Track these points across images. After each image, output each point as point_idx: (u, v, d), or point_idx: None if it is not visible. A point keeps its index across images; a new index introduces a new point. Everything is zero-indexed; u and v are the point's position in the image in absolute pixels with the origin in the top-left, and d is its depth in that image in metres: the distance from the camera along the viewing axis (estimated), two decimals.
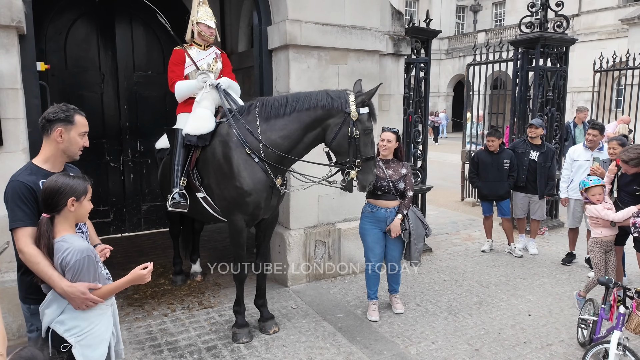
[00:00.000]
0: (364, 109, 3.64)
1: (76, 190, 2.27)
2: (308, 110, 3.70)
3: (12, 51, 3.71)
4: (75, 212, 2.30)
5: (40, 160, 2.47)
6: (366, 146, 3.69)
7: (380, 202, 4.36)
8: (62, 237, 2.27)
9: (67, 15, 6.53)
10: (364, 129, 3.64)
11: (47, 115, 2.45)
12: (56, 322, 2.30)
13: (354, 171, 3.67)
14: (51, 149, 2.47)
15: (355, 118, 3.61)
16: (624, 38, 19.87)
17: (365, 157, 3.68)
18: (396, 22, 5.83)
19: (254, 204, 3.87)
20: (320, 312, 4.58)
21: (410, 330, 4.26)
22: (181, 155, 4.22)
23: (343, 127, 3.63)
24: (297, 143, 3.80)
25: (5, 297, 3.83)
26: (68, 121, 2.45)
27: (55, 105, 2.51)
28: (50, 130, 2.43)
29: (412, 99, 6.24)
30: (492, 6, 34.41)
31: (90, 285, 2.27)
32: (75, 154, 2.53)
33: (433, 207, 9.23)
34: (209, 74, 4.34)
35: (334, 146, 3.73)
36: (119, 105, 6.95)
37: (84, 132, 2.52)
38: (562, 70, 7.44)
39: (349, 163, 3.68)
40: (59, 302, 2.31)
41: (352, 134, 3.60)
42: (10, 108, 3.75)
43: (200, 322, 4.35)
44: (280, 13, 4.94)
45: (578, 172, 5.85)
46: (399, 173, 4.38)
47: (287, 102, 3.77)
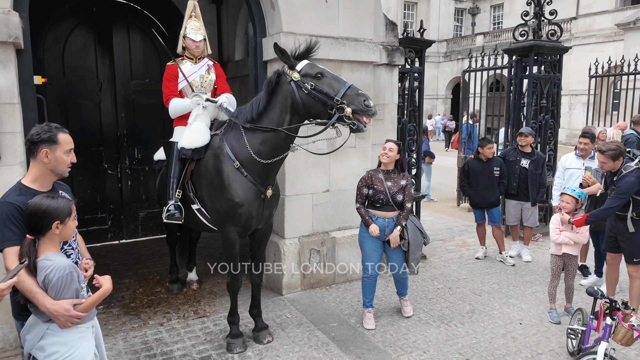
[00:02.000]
0: (299, 64, 3.59)
1: (60, 214, 2.29)
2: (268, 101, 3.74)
3: (10, 66, 3.77)
4: (60, 234, 2.33)
5: (29, 180, 2.49)
6: (331, 85, 3.49)
7: (379, 213, 4.45)
8: (44, 255, 2.29)
9: (65, 24, 6.60)
10: (314, 76, 3.53)
11: (30, 137, 2.47)
12: (36, 348, 2.29)
13: (347, 107, 3.39)
14: (39, 169, 2.49)
15: (298, 78, 3.55)
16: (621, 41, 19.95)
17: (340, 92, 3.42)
18: (390, 32, 5.89)
19: (245, 215, 3.93)
20: (314, 321, 4.63)
21: (402, 340, 4.32)
22: (177, 168, 4.31)
23: (298, 92, 3.57)
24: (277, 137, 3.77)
25: (3, 308, 3.87)
26: (52, 141, 2.46)
27: (37, 126, 2.52)
28: (36, 151, 2.45)
29: (406, 108, 6.31)
30: (490, 9, 34.50)
31: (74, 301, 2.28)
32: (64, 171, 2.55)
33: (429, 213, 9.29)
34: (201, 96, 4.40)
35: (309, 111, 3.61)
36: (117, 113, 7.01)
37: (70, 149, 2.54)
38: (555, 78, 7.51)
39: (334, 106, 3.44)
40: (37, 328, 2.31)
41: (308, 89, 3.51)
42: (8, 122, 3.80)
43: (195, 332, 4.41)
44: (274, 25, 5.01)
45: (570, 180, 5.91)
46: (398, 185, 4.46)
47: (252, 105, 3.85)
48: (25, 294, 2.29)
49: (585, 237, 4.72)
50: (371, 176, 4.50)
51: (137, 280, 5.66)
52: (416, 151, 6.54)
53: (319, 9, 5.05)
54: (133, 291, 5.33)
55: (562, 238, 4.61)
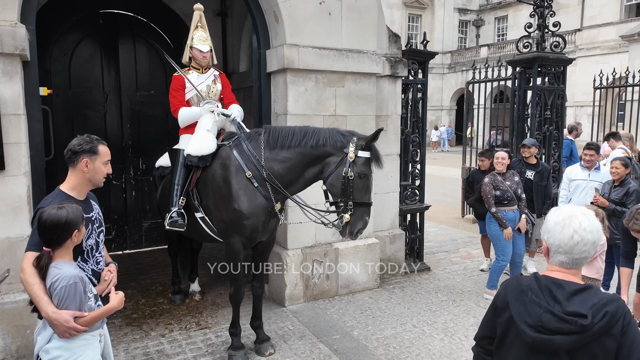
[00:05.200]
0: (363, 152, 3.60)
1: (78, 222, 2.35)
2: (313, 146, 3.74)
3: (16, 78, 3.82)
4: (76, 240, 2.38)
5: (68, 188, 2.59)
6: (360, 191, 3.61)
7: (508, 208, 5.49)
8: (54, 263, 2.33)
9: (71, 36, 6.68)
10: (359, 172, 3.58)
11: (72, 147, 2.57)
12: (42, 350, 2.34)
13: (348, 215, 3.60)
14: (77, 178, 2.59)
15: (352, 159, 3.58)
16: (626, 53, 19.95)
17: (358, 202, 3.60)
18: (393, 44, 5.92)
19: (251, 227, 3.93)
20: (317, 334, 4.60)
21: (405, 353, 4.27)
22: (181, 175, 4.31)
23: (339, 167, 3.62)
24: (299, 177, 3.86)
25: (5, 318, 3.89)
26: (92, 152, 2.57)
27: (79, 137, 2.63)
28: (77, 161, 2.55)
29: (410, 119, 6.31)
30: (494, 21, 34.66)
31: (75, 313, 2.29)
32: (100, 181, 2.65)
33: (433, 224, 9.26)
34: (214, 103, 4.44)
35: (328, 185, 3.72)
36: (122, 124, 7.06)
37: (107, 161, 2.65)
38: (559, 90, 7.50)
39: (342, 204, 3.63)
40: (46, 330, 2.35)
41: (347, 174, 3.58)
42: (13, 133, 3.84)
43: (197, 343, 4.38)
44: (278, 37, 5.04)
45: (576, 192, 5.85)
46: (515, 182, 5.58)
47: (294, 135, 3.82)
48: (32, 297, 2.33)
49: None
50: (493, 180, 5.51)
51: (139, 291, 5.65)
52: (420, 162, 6.52)
53: (323, 21, 5.09)
54: (135, 302, 5.32)
55: None
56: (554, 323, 1.63)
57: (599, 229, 1.73)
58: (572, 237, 1.70)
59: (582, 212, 1.75)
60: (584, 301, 1.65)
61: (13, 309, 3.91)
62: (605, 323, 1.61)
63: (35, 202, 4.16)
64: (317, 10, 5.04)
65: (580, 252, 1.71)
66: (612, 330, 1.62)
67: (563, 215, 1.74)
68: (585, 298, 1.66)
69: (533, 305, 1.69)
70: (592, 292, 1.68)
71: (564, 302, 1.66)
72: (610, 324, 1.61)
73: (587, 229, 1.70)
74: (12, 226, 3.91)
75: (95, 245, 2.63)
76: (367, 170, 3.64)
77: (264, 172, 3.85)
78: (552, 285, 1.70)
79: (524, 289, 1.73)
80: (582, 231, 1.70)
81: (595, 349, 1.63)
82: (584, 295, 1.67)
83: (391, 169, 6.11)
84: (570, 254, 1.71)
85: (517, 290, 1.76)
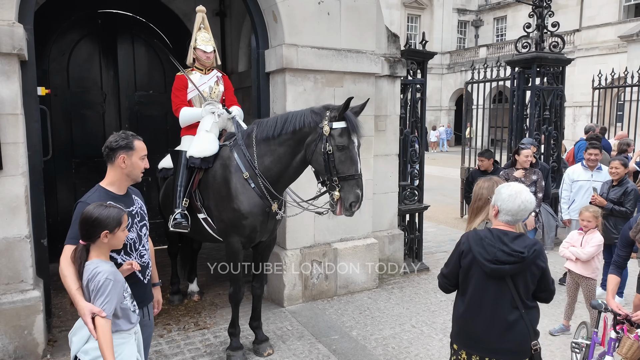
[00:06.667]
0: (337, 123, 3.50)
1: (110, 224, 2.36)
2: (293, 132, 3.71)
3: (13, 77, 3.81)
4: (108, 243, 2.40)
5: (107, 184, 2.65)
6: (342, 163, 3.49)
7: None
8: (90, 260, 2.39)
9: (70, 36, 6.67)
10: (337, 144, 3.48)
11: (109, 144, 2.61)
12: (81, 351, 2.36)
13: (337, 192, 3.50)
14: (116, 174, 2.64)
15: (327, 133, 3.49)
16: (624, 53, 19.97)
17: (343, 176, 3.49)
18: (392, 44, 5.92)
19: (250, 227, 3.93)
20: (315, 334, 4.59)
21: (404, 353, 4.27)
22: (184, 177, 4.31)
23: (318, 144, 3.56)
24: (288, 166, 3.84)
25: (3, 319, 3.87)
26: (129, 147, 2.61)
27: (115, 134, 2.67)
28: (114, 157, 2.59)
29: (409, 119, 6.31)
30: (493, 21, 34.67)
31: (94, 309, 2.28)
32: (138, 176, 2.70)
33: (432, 224, 9.25)
34: (216, 104, 4.44)
35: (313, 164, 3.66)
36: (120, 124, 7.04)
37: (144, 155, 2.69)
38: (558, 90, 7.50)
39: (328, 182, 3.56)
40: (83, 331, 2.36)
41: (326, 149, 3.50)
42: (11, 133, 3.83)
43: (195, 344, 4.38)
44: (277, 37, 5.04)
45: (579, 192, 5.79)
46: (530, 179, 5.49)
47: (276, 124, 3.81)
48: (66, 287, 2.38)
49: (585, 254, 4.43)
50: (507, 173, 5.55)
51: None
52: (418, 162, 6.52)
53: (321, 21, 5.08)
54: None
55: (566, 252, 4.55)
56: (504, 257, 2.45)
57: (533, 201, 2.54)
58: (519, 206, 2.48)
59: (525, 189, 2.54)
60: (521, 243, 2.48)
61: (11, 309, 3.90)
62: (535, 256, 2.46)
63: (33, 202, 4.15)
64: (315, 10, 5.04)
65: (522, 216, 2.53)
66: (537, 261, 2.48)
67: (514, 190, 2.51)
68: (521, 241, 2.49)
69: (490, 246, 2.49)
70: (525, 237, 2.54)
71: (509, 244, 2.47)
72: (537, 257, 2.47)
73: (529, 201, 2.50)
74: (9, 226, 3.90)
75: (138, 239, 2.68)
76: (346, 141, 3.50)
77: (256, 170, 3.85)
78: (501, 234, 2.52)
79: (482, 237, 2.54)
80: (526, 202, 2.48)
81: (527, 274, 2.49)
82: (521, 239, 2.50)
83: (390, 169, 6.11)
84: (515, 216, 2.52)
85: (477, 238, 2.55)
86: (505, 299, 2.49)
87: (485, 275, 2.49)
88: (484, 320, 2.52)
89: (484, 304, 2.52)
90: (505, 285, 2.48)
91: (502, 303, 2.49)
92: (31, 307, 3.97)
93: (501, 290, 2.49)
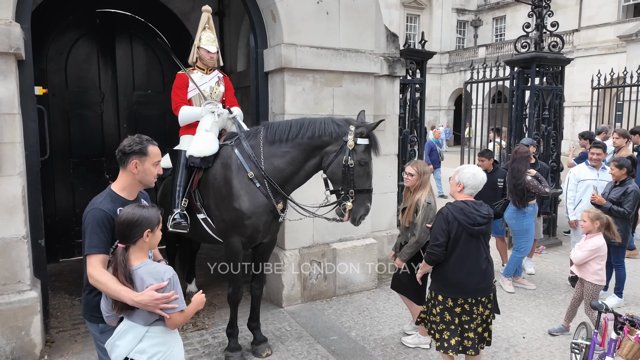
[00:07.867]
0: (362, 139, 3.64)
1: (151, 222, 2.35)
2: (310, 137, 3.74)
3: (10, 77, 3.79)
4: (149, 242, 2.38)
5: (118, 188, 2.56)
6: (360, 177, 3.66)
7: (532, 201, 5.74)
8: (143, 262, 2.35)
9: (68, 35, 6.65)
10: (359, 159, 3.62)
11: (122, 148, 2.54)
12: (135, 351, 2.32)
13: (349, 202, 3.65)
14: (128, 179, 2.56)
15: (352, 147, 3.61)
16: (623, 53, 19.98)
17: (359, 189, 3.66)
18: (391, 44, 5.90)
19: (252, 227, 3.91)
20: (314, 335, 4.57)
21: (403, 354, 4.25)
22: (183, 177, 4.27)
23: (339, 155, 3.65)
24: (299, 169, 3.86)
25: (0, 319, 3.85)
26: (142, 153, 2.52)
27: (129, 137, 2.59)
28: (127, 162, 2.51)
29: (408, 119, 6.30)
30: (492, 21, 34.67)
31: (154, 286, 2.27)
32: (151, 182, 2.63)
33: None
34: (216, 104, 4.42)
35: (329, 174, 3.75)
36: (119, 124, 7.02)
37: (158, 162, 2.61)
38: (557, 90, 7.49)
39: (343, 192, 3.68)
40: (134, 332, 2.32)
41: (347, 162, 3.61)
42: (8, 133, 3.81)
43: (193, 345, 4.36)
44: (275, 37, 5.02)
45: (586, 192, 5.78)
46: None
47: (290, 128, 3.82)
48: (110, 293, 2.29)
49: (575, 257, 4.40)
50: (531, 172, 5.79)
51: None
52: None
53: (320, 20, 5.07)
54: None
55: (571, 253, 4.53)
56: (481, 220, 3.31)
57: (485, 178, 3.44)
58: (481, 182, 3.39)
59: (480, 169, 3.46)
60: (485, 208, 3.38)
61: (8, 310, 3.88)
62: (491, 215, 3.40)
63: (30, 203, 4.13)
64: (314, 10, 5.02)
65: (479, 189, 3.42)
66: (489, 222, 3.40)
67: (473, 171, 3.41)
68: (484, 207, 3.38)
69: (470, 213, 3.30)
70: (483, 203, 3.41)
71: (480, 210, 3.34)
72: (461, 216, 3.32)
73: (484, 178, 3.41)
74: (6, 227, 3.88)
75: None
76: (367, 158, 3.69)
77: (263, 171, 3.84)
78: (473, 204, 3.36)
79: (463, 207, 3.33)
80: (483, 179, 3.40)
81: (488, 229, 3.40)
82: (484, 206, 3.39)
83: (389, 169, 6.09)
84: (476, 189, 3.41)
85: (459, 209, 3.33)
86: (481, 251, 3.37)
87: (469, 236, 3.31)
88: (468, 270, 3.31)
89: (469, 258, 3.32)
90: (479, 242, 3.37)
91: (479, 255, 3.36)
92: (28, 307, 3.95)
93: (477, 245, 3.36)
